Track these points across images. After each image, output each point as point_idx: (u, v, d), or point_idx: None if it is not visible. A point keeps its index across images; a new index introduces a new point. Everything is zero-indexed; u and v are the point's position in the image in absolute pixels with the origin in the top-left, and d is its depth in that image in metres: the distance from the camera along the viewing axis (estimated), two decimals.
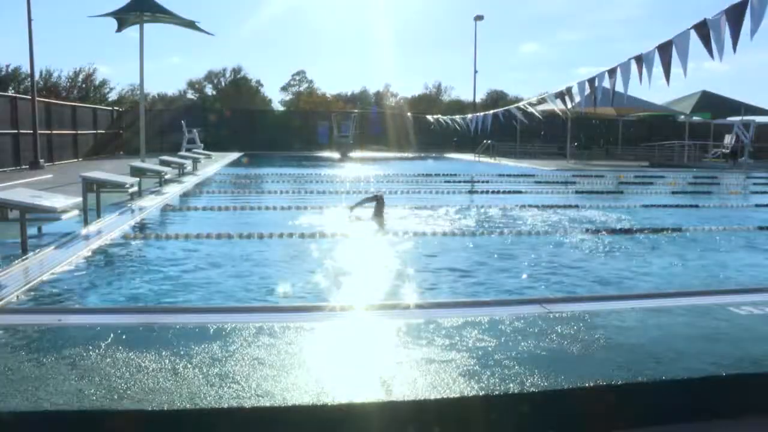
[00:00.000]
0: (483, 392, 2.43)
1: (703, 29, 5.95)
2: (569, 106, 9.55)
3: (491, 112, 15.35)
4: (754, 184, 16.82)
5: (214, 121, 32.00)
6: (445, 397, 2.40)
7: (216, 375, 2.54)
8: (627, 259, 6.52)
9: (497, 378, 2.56)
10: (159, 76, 77.05)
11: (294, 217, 8.94)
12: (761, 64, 73.20)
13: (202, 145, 25.07)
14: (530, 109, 13.53)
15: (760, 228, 8.39)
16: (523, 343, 3.00)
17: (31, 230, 6.17)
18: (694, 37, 6.13)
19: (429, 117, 20.75)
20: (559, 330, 3.22)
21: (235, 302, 4.71)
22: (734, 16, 5.60)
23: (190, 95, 54.49)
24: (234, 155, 24.86)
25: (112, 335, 3.04)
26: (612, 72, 7.58)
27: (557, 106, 10.07)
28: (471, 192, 13.96)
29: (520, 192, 12.91)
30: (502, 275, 5.69)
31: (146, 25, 15.69)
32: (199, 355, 2.77)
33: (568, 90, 9.23)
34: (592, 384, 2.53)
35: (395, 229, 7.82)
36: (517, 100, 32.93)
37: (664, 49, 6.50)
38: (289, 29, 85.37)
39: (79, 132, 22.43)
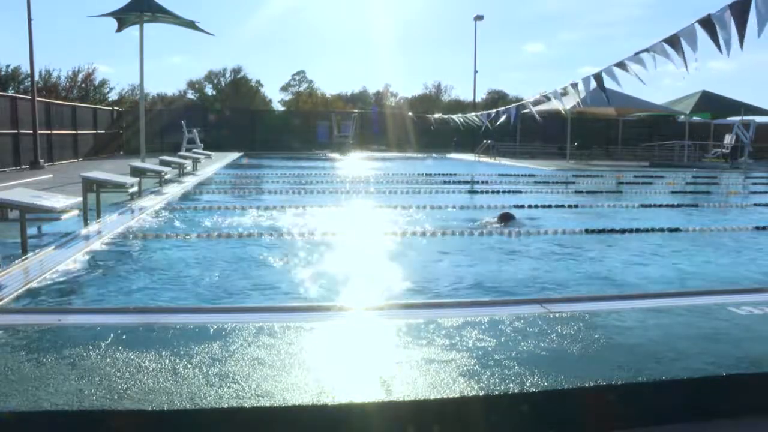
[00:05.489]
0: (483, 392, 2.44)
1: (708, 25, 5.90)
2: (573, 103, 9.50)
3: (504, 108, 15.27)
4: (753, 184, 16.81)
5: (214, 121, 31.97)
6: (445, 397, 2.40)
7: (216, 375, 2.54)
8: (625, 258, 6.52)
9: (497, 378, 2.56)
10: (159, 76, 77.33)
11: (284, 216, 8.96)
12: (762, 64, 73.29)
13: (202, 145, 25.03)
14: (533, 110, 13.49)
15: (758, 228, 8.39)
16: (523, 343, 3.00)
17: (31, 230, 6.17)
18: (701, 32, 6.06)
19: (429, 116, 20.62)
20: (559, 330, 3.23)
21: (235, 302, 4.71)
22: (738, 13, 5.56)
23: (190, 95, 54.49)
24: (234, 155, 24.85)
25: (112, 335, 3.04)
26: (620, 66, 7.52)
27: (561, 105, 10.01)
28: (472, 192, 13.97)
29: (519, 192, 12.93)
30: None
31: (146, 25, 15.69)
32: (199, 355, 2.77)
33: (574, 85, 9.18)
34: (592, 384, 2.53)
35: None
36: (518, 100, 32.90)
37: (672, 43, 6.43)
38: (289, 29, 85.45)
39: (79, 132, 22.40)
